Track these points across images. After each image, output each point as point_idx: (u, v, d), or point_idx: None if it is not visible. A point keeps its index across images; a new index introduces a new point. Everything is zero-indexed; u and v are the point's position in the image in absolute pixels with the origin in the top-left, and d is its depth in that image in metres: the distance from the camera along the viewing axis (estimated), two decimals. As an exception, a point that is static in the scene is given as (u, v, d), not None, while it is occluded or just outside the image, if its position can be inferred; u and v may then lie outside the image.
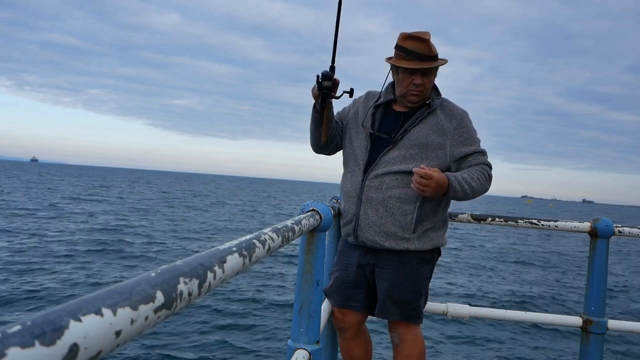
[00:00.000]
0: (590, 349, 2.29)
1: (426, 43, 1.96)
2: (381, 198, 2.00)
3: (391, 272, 2.03)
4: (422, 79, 2.00)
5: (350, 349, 2.18)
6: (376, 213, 2.00)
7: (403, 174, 2.00)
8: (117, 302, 0.47)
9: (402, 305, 2.03)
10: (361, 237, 2.04)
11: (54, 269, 9.04)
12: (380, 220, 2.00)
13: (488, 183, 2.05)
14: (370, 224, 2.01)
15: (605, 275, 2.32)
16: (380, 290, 2.06)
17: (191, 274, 0.61)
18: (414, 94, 2.04)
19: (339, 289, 2.13)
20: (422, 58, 1.97)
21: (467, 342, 6.37)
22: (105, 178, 71.92)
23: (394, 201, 1.99)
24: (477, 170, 2.01)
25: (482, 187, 2.01)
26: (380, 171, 2.02)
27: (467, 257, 13.87)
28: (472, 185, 1.96)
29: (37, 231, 13.62)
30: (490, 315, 2.46)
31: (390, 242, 2.00)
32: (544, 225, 2.37)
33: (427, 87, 2.04)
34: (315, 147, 2.21)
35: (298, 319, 1.48)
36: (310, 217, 1.38)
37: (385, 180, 2.01)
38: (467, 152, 2.03)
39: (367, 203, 2.02)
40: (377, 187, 2.01)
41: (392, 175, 2.00)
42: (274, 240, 0.98)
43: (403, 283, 2.03)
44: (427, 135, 2.02)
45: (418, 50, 1.96)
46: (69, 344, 0.40)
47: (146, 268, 9.56)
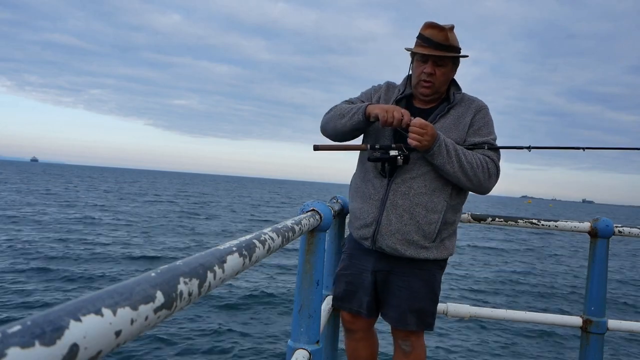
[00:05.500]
0: (590, 349, 2.29)
1: (444, 32, 1.88)
2: (407, 205, 1.90)
3: (410, 281, 1.97)
4: (433, 68, 1.90)
5: (357, 350, 2.13)
6: (400, 220, 1.90)
7: (431, 179, 1.91)
8: (117, 302, 0.47)
9: (421, 315, 1.98)
10: (380, 243, 1.93)
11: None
12: (404, 228, 1.90)
13: (483, 175, 1.88)
14: (393, 230, 1.90)
15: (605, 275, 2.32)
16: (397, 299, 1.98)
17: (191, 274, 0.61)
18: (424, 85, 1.94)
19: (353, 295, 2.05)
20: (437, 46, 1.88)
21: (467, 342, 6.37)
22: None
23: (421, 209, 1.89)
24: (477, 157, 1.89)
25: (472, 173, 1.86)
26: (409, 176, 1.91)
27: (467, 257, 13.87)
28: (462, 160, 1.84)
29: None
30: (490, 315, 2.46)
31: (411, 251, 1.91)
32: (544, 225, 2.37)
33: (438, 79, 1.92)
34: (334, 138, 2.05)
35: (298, 319, 1.48)
36: (310, 217, 1.38)
37: (413, 185, 1.90)
38: (476, 141, 1.93)
39: (392, 208, 1.91)
40: (404, 193, 1.90)
41: (419, 180, 1.91)
42: (274, 240, 0.98)
43: (422, 292, 1.97)
44: (448, 131, 1.92)
45: (434, 38, 1.88)
46: (69, 344, 0.40)
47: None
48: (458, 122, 1.95)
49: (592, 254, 2.33)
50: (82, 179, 65.28)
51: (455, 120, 1.95)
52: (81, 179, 63.94)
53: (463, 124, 1.95)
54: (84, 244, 12.01)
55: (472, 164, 1.86)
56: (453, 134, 1.92)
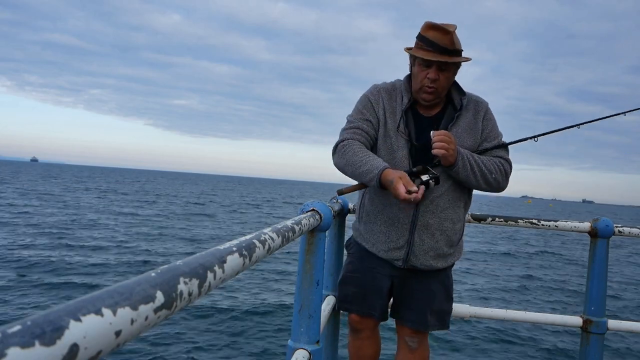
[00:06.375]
0: (590, 349, 2.29)
1: (449, 35, 1.79)
2: (437, 222, 1.89)
3: (429, 283, 1.99)
4: (437, 74, 1.82)
5: (361, 349, 2.13)
6: (433, 238, 1.90)
7: (453, 191, 1.90)
8: (117, 302, 0.47)
9: (441, 315, 2.02)
10: (413, 262, 1.93)
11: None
12: (437, 245, 1.91)
13: (502, 177, 1.90)
14: (427, 249, 1.91)
15: (605, 275, 2.32)
16: (417, 301, 2.00)
17: (191, 274, 0.61)
18: (427, 91, 1.86)
19: (364, 297, 2.03)
20: (443, 51, 1.78)
21: (467, 342, 6.37)
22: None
23: (448, 223, 1.91)
24: (493, 161, 1.89)
25: (493, 178, 1.87)
26: (435, 194, 1.87)
27: (467, 257, 13.87)
28: (481, 168, 1.85)
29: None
30: (491, 315, 2.46)
31: (441, 262, 1.95)
32: (544, 225, 2.37)
33: (442, 85, 1.85)
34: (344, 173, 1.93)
35: (298, 319, 1.48)
36: (310, 217, 1.38)
37: (440, 203, 1.89)
38: (489, 146, 1.93)
39: (424, 229, 1.89)
40: (432, 212, 1.88)
41: (445, 197, 1.89)
42: (274, 240, 0.98)
43: (440, 293, 2.01)
44: (462, 139, 1.90)
45: (439, 42, 1.78)
46: (69, 344, 0.40)
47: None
48: (470, 129, 1.92)
49: (592, 254, 2.33)
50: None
51: (467, 128, 1.92)
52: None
53: (475, 129, 1.92)
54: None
55: (492, 170, 1.87)
56: (468, 142, 1.90)
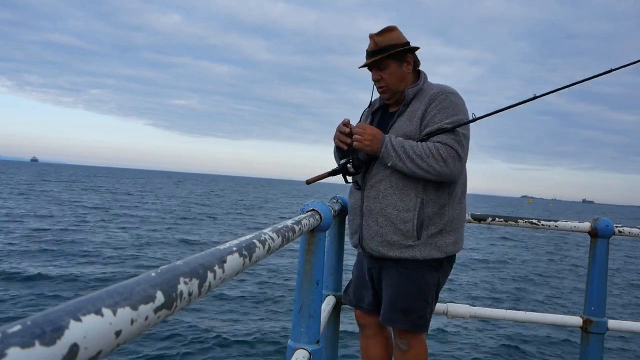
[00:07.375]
0: (590, 349, 2.29)
1: (371, 39, 2.00)
2: (379, 208, 1.97)
3: (396, 279, 1.99)
4: (378, 74, 2.02)
5: (368, 348, 2.20)
6: (377, 223, 1.98)
7: (396, 178, 1.94)
8: (117, 302, 0.47)
9: (408, 313, 1.97)
10: (366, 247, 2.03)
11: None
12: (382, 230, 1.96)
13: (436, 162, 1.84)
14: (373, 234, 1.99)
15: (605, 275, 2.32)
16: (385, 295, 2.04)
17: (191, 273, 0.61)
18: (379, 92, 2.07)
19: (360, 293, 2.17)
20: (369, 55, 2.01)
21: (467, 342, 6.37)
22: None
23: (391, 209, 1.94)
24: (427, 146, 1.86)
25: (425, 163, 1.84)
26: (374, 180, 1.99)
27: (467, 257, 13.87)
28: (408, 153, 1.86)
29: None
30: (491, 315, 2.46)
31: (395, 251, 1.95)
32: (544, 225, 2.37)
33: (387, 82, 2.01)
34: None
35: (298, 319, 1.48)
36: (310, 217, 1.38)
37: (380, 189, 1.97)
38: (430, 130, 1.90)
39: (368, 214, 2.00)
40: (374, 197, 1.98)
41: (386, 182, 1.96)
42: (274, 240, 0.98)
43: (409, 290, 1.97)
44: (404, 128, 1.95)
45: (368, 48, 2.02)
46: (69, 344, 0.40)
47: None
48: (412, 116, 1.97)
49: (592, 254, 2.34)
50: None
51: (409, 116, 1.98)
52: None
53: (417, 116, 1.95)
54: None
55: (422, 155, 1.85)
56: (408, 129, 1.95)
